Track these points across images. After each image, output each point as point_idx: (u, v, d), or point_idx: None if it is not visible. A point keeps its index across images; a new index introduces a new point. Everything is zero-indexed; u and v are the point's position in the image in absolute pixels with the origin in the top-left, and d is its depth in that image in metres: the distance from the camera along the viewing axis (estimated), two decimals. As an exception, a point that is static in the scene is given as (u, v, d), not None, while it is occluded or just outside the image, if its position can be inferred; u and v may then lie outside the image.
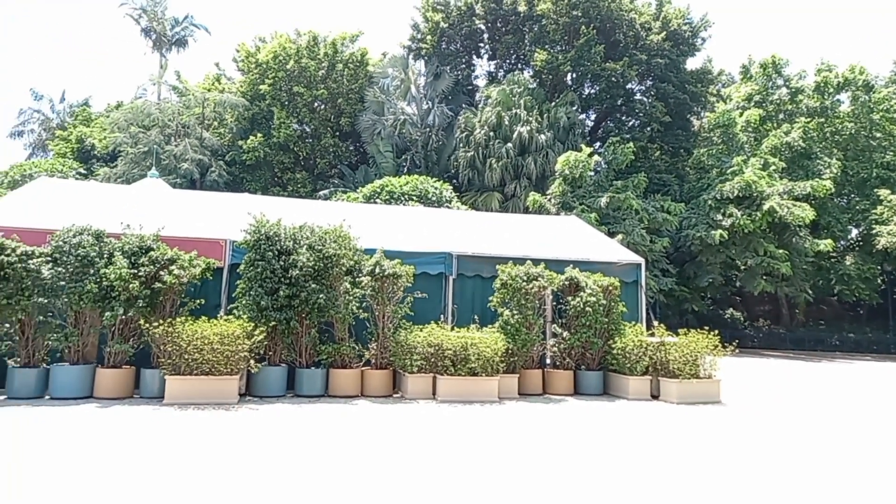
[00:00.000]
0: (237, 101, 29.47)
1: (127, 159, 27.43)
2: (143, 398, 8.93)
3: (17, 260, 8.57)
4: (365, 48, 31.12)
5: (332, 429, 7.17)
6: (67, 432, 6.58)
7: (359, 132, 31.20)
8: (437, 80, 29.99)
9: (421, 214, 14.94)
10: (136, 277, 8.86)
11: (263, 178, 30.78)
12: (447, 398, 9.47)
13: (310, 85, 29.92)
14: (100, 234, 9.32)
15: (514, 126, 26.06)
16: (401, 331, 10.09)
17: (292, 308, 9.52)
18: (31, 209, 10.73)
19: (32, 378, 8.72)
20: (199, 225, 10.95)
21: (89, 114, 34.73)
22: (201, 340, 8.55)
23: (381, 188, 23.20)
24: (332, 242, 9.90)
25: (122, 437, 6.43)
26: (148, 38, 34.50)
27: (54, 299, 8.96)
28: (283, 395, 9.52)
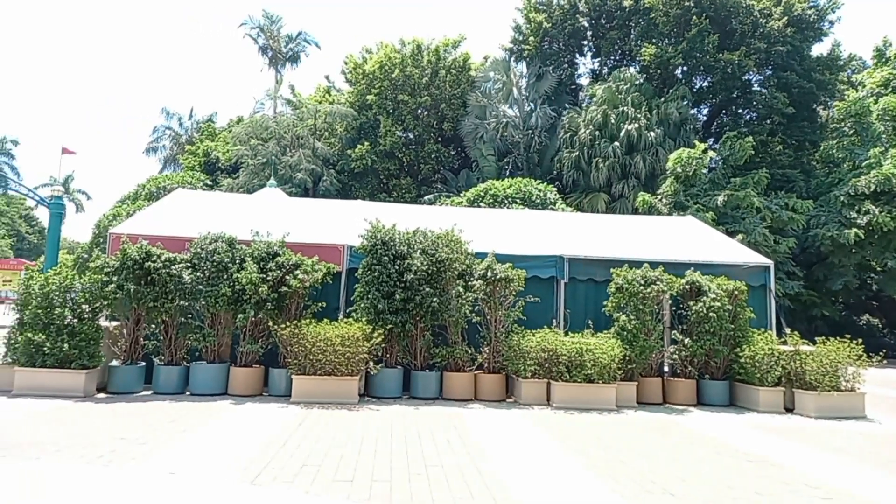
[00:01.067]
0: (346, 112, 30.67)
1: (247, 170, 29.31)
2: (272, 395, 9.45)
3: (161, 266, 9.36)
4: (467, 53, 31.37)
5: (456, 430, 7.22)
6: (220, 423, 7.07)
7: (461, 137, 31.46)
8: (539, 80, 29.66)
9: (529, 217, 14.80)
10: (264, 282, 9.40)
11: (370, 185, 31.80)
12: (563, 405, 9.29)
13: (414, 92, 30.58)
14: (232, 240, 10.00)
15: (620, 124, 25.23)
16: (513, 335, 10.03)
17: (407, 311, 9.72)
18: (170, 219, 11.71)
19: (175, 375, 9.48)
20: (319, 231, 11.47)
21: (214, 129, 37.49)
22: (324, 342, 8.93)
23: (485, 191, 23.23)
24: (445, 247, 10.02)
25: (267, 430, 6.82)
26: (265, 55, 36.76)
27: (193, 302, 9.71)
28: (400, 396, 9.73)
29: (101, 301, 9.13)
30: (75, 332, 8.85)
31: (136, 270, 9.21)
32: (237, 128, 31.76)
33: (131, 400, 8.68)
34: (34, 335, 8.69)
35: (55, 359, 8.69)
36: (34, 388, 8.67)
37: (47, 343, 8.65)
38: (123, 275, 9.16)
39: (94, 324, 9.12)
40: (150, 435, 6.45)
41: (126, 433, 6.49)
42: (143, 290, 9.19)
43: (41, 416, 7.30)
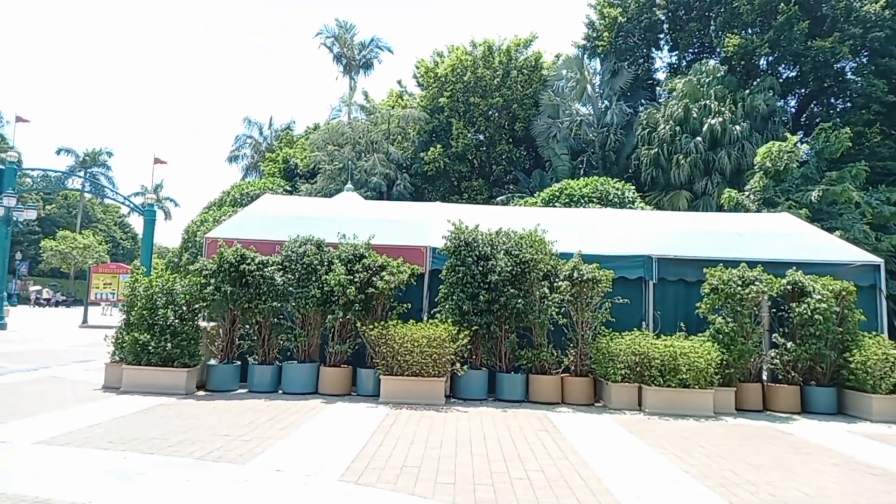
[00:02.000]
0: (419, 116, 30.98)
1: (325, 176, 30.11)
2: (360, 395, 9.59)
3: (255, 268, 9.69)
4: (539, 52, 31.05)
5: (549, 434, 7.07)
6: (320, 420, 7.23)
7: (533, 137, 31.13)
8: (614, 77, 28.93)
9: (610, 216, 14.39)
10: (352, 283, 9.56)
11: (442, 188, 31.96)
12: (656, 410, 8.94)
13: (485, 94, 30.53)
14: (320, 243, 10.23)
15: (703, 118, 24.22)
16: (600, 338, 9.76)
17: (492, 313, 9.64)
18: (260, 223, 12.12)
19: (268, 374, 9.78)
20: (401, 233, 11.57)
21: (292, 136, 38.79)
22: (411, 343, 8.98)
23: (560, 191, 22.85)
24: (528, 247, 9.88)
25: (361, 430, 6.90)
26: (339, 63, 37.73)
27: (284, 303, 9.99)
28: (485, 398, 9.65)
29: (200, 302, 9.54)
30: (177, 332, 9.29)
31: (232, 273, 9.58)
32: (314, 134, 32.70)
33: (229, 398, 9.02)
34: (140, 335, 9.19)
35: (159, 357, 9.15)
36: (140, 385, 9.15)
37: (152, 342, 9.12)
38: (220, 277, 9.54)
39: (194, 324, 9.54)
40: (252, 433, 6.65)
41: (230, 430, 6.72)
42: (239, 292, 9.54)
43: (151, 411, 7.69)
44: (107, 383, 9.55)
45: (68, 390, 9.14)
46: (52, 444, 5.80)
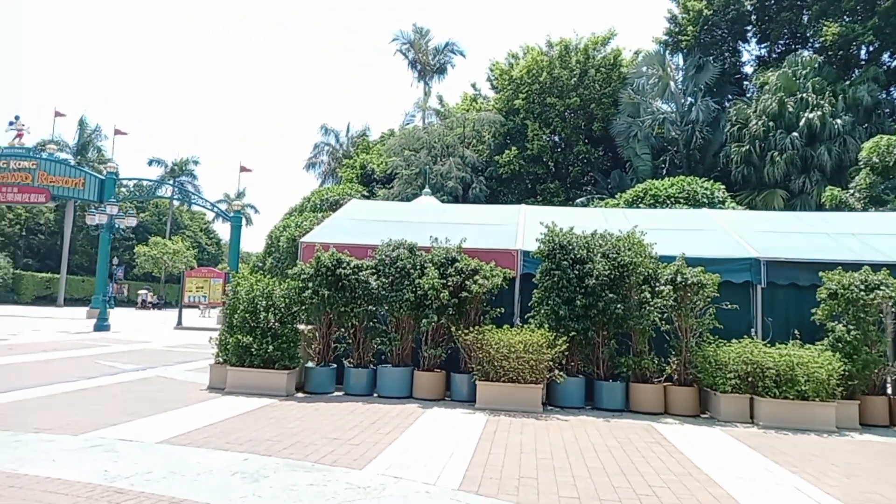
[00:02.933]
0: (494, 118, 30.84)
1: (401, 180, 30.45)
2: (454, 400, 9.50)
3: (350, 272, 9.80)
4: (618, 49, 30.27)
5: (661, 447, 6.72)
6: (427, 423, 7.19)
7: (611, 136, 30.37)
8: (699, 72, 27.78)
9: (705, 217, 13.71)
10: (445, 287, 9.50)
11: (518, 190, 31.68)
12: (770, 423, 8.37)
13: (562, 94, 30.04)
14: (412, 247, 10.24)
15: (799, 112, 22.85)
16: (706, 345, 9.26)
17: (589, 318, 9.34)
18: (349, 227, 12.31)
19: (364, 377, 9.86)
20: (491, 236, 11.44)
21: (368, 142, 39.50)
22: (507, 348, 8.81)
23: (644, 192, 22.12)
24: (627, 250, 9.51)
25: (465, 436, 6.80)
26: (414, 69, 38.12)
27: (378, 307, 10.06)
28: (582, 406, 9.35)
29: (299, 306, 9.73)
30: (277, 334, 9.51)
31: (329, 277, 9.72)
32: (391, 140, 33.16)
33: (328, 400, 9.14)
34: (243, 337, 9.46)
35: (261, 359, 9.39)
36: (244, 387, 9.42)
37: (254, 345, 9.37)
38: (318, 281, 9.70)
39: (294, 327, 9.75)
40: (359, 436, 6.67)
41: (337, 433, 6.77)
42: (335, 296, 9.67)
43: (258, 413, 7.87)
44: (212, 384, 9.90)
45: (178, 390, 9.52)
46: (175, 443, 6.00)
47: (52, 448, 5.57)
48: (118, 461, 5.21)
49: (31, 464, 5.00)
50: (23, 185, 33.13)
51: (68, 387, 9.33)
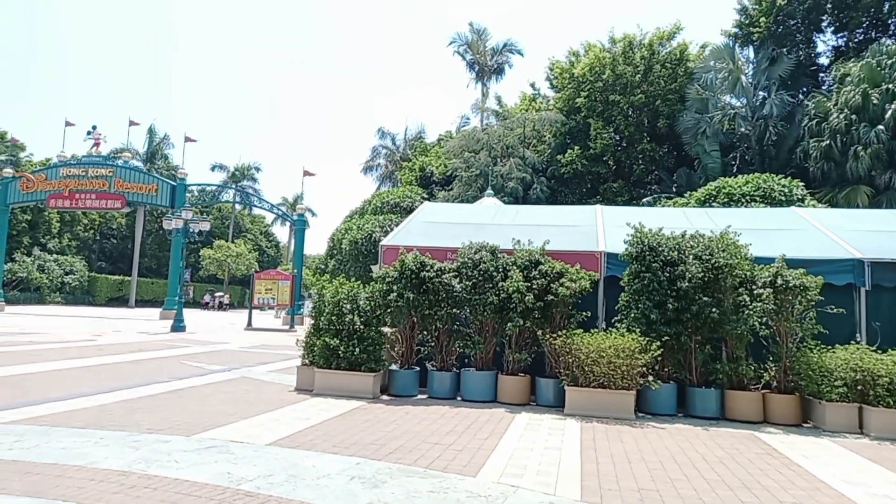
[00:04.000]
0: (555, 118, 30.46)
1: (462, 182, 30.43)
2: (540, 405, 9.34)
3: (434, 275, 9.78)
4: (684, 43, 29.40)
5: (774, 458, 6.39)
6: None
7: (677, 134, 29.51)
8: (772, 65, 26.66)
9: (793, 216, 13.10)
10: (529, 290, 9.37)
11: (579, 190, 31.19)
12: (884, 434, 7.86)
13: (626, 91, 29.38)
14: (494, 249, 10.14)
15: (885, 104, 21.62)
16: (807, 351, 8.80)
17: (681, 322, 9.02)
18: (425, 230, 12.32)
19: (448, 381, 9.83)
20: (571, 238, 11.23)
21: (425, 145, 39.68)
22: (598, 353, 8.61)
23: (717, 190, 21.36)
24: (721, 251, 9.15)
25: (564, 443, 6.65)
26: (471, 70, 38.08)
27: (461, 310, 10.01)
28: (674, 413, 9.03)
29: (384, 308, 9.78)
30: (363, 337, 9.58)
31: (413, 279, 9.73)
32: (451, 142, 33.20)
33: (414, 403, 9.14)
34: (330, 340, 9.57)
35: (347, 362, 9.48)
36: (331, 388, 9.54)
37: (341, 347, 9.47)
38: (403, 283, 9.72)
39: (379, 330, 9.80)
40: (459, 441, 6.62)
41: (436, 438, 6.73)
42: (420, 298, 9.67)
43: (352, 415, 7.93)
44: (299, 385, 10.06)
45: (267, 391, 9.72)
46: (284, 445, 6.08)
47: (170, 449, 5.73)
48: (237, 463, 5.30)
49: (157, 465, 5.15)
50: (100, 192, 34.80)
51: (165, 387, 9.65)
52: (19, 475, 4.71)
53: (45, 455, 5.28)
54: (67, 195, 34.99)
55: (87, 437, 6.03)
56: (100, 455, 5.35)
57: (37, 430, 6.25)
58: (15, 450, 5.42)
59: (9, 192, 36.14)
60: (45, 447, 5.56)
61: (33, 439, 5.83)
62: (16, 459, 5.12)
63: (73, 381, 9.89)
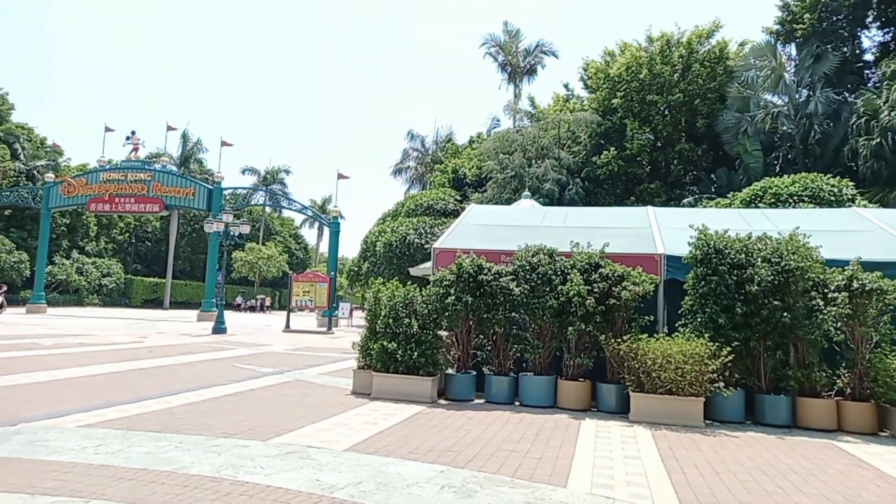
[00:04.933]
0: (591, 118, 30.13)
1: (496, 184, 30.27)
2: (601, 411, 9.15)
3: (492, 278, 9.67)
4: (724, 41, 28.84)
5: (867, 471, 6.14)
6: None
7: (716, 133, 28.95)
8: (816, 62, 25.99)
9: (856, 216, 12.67)
10: (590, 293, 9.20)
11: (615, 191, 30.80)
12: (973, 446, 7.53)
13: (663, 91, 28.92)
14: (552, 252, 9.99)
15: (939, 101, 20.91)
16: (884, 357, 8.46)
17: (750, 327, 8.77)
18: (475, 233, 12.20)
19: (505, 385, 9.69)
20: (627, 240, 11.01)
21: (457, 147, 39.58)
22: (665, 358, 8.39)
23: (763, 190, 20.88)
24: (791, 254, 8.86)
25: (641, 452, 6.47)
26: (503, 71, 37.88)
27: (519, 314, 9.86)
28: (743, 421, 8.77)
29: (442, 312, 9.68)
30: (421, 340, 9.50)
31: (471, 283, 9.63)
32: (484, 143, 33.06)
33: (473, 408, 9.02)
34: (388, 343, 9.51)
35: (405, 366, 9.41)
36: (389, 392, 9.47)
37: (399, 351, 9.40)
38: (460, 287, 9.62)
39: (436, 333, 9.71)
40: (532, 448, 6.49)
41: (510, 444, 6.61)
42: (478, 302, 9.56)
43: (416, 420, 7.84)
44: (355, 388, 10.03)
45: (325, 395, 9.69)
46: (361, 451, 6.02)
47: (252, 454, 5.70)
48: (322, 469, 5.24)
49: (244, 471, 5.11)
50: (139, 196, 35.48)
51: (225, 390, 9.69)
52: (113, 480, 4.71)
53: (132, 460, 5.29)
54: (107, 199, 35.74)
55: (166, 441, 6.04)
56: (185, 460, 5.34)
57: (115, 433, 6.28)
58: (101, 454, 5.44)
59: (51, 196, 37.05)
60: (130, 451, 5.57)
61: (115, 443, 5.85)
62: (105, 464, 5.13)
63: (134, 383, 9.99)
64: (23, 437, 5.92)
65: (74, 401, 8.08)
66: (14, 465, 5.00)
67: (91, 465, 5.09)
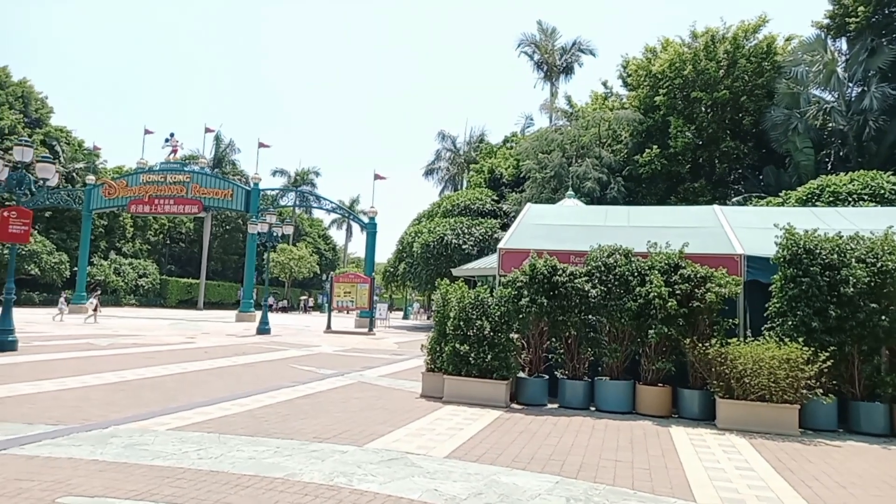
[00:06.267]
0: (632, 117, 29.61)
1: (535, 183, 29.92)
2: (683, 417, 8.82)
3: (567, 280, 9.39)
4: (771, 36, 28.10)
5: None
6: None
7: (763, 130, 28.22)
8: (871, 56, 25.13)
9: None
10: (672, 295, 8.87)
11: (659, 190, 30.23)
12: None
13: (708, 87, 28.28)
14: (628, 252, 9.68)
15: None
16: None
17: (844, 331, 8.36)
18: (537, 233, 11.92)
19: (580, 390, 9.40)
20: (701, 240, 10.63)
21: (491, 147, 39.28)
22: (757, 363, 8.03)
23: (820, 189, 20.23)
24: (889, 254, 8.44)
25: (749, 463, 6.15)
26: (539, 70, 37.50)
27: (594, 316, 9.56)
28: (836, 429, 8.37)
29: (515, 315, 9.43)
30: (494, 343, 9.26)
31: (545, 284, 9.36)
32: (523, 142, 32.75)
33: (550, 413, 8.77)
34: (459, 346, 9.29)
35: (478, 369, 9.18)
36: (460, 396, 9.25)
37: (471, 354, 9.17)
38: (534, 288, 9.37)
39: (509, 336, 9.46)
40: (635, 458, 6.23)
41: (609, 454, 6.34)
42: (552, 304, 9.29)
43: (501, 426, 7.61)
44: (425, 391, 9.83)
45: (395, 398, 9.51)
46: (463, 458, 5.80)
47: (355, 460, 5.51)
48: (434, 478, 5.04)
49: (356, 478, 4.93)
50: (178, 198, 35.84)
51: (294, 392, 9.56)
52: (230, 487, 4.56)
53: (238, 466, 5.14)
54: (147, 201, 36.17)
55: (262, 445, 5.89)
56: (292, 466, 5.18)
57: (208, 437, 6.15)
58: (205, 459, 5.30)
59: (92, 198, 37.66)
60: (232, 457, 5.43)
61: (214, 448, 5.71)
62: (214, 469, 4.98)
63: (202, 384, 9.92)
64: (120, 441, 5.82)
65: (153, 402, 8.00)
66: (124, 469, 4.88)
67: (200, 470, 4.95)
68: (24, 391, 8.41)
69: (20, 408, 7.29)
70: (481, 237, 30.88)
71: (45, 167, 13.11)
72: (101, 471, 4.81)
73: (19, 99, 48.14)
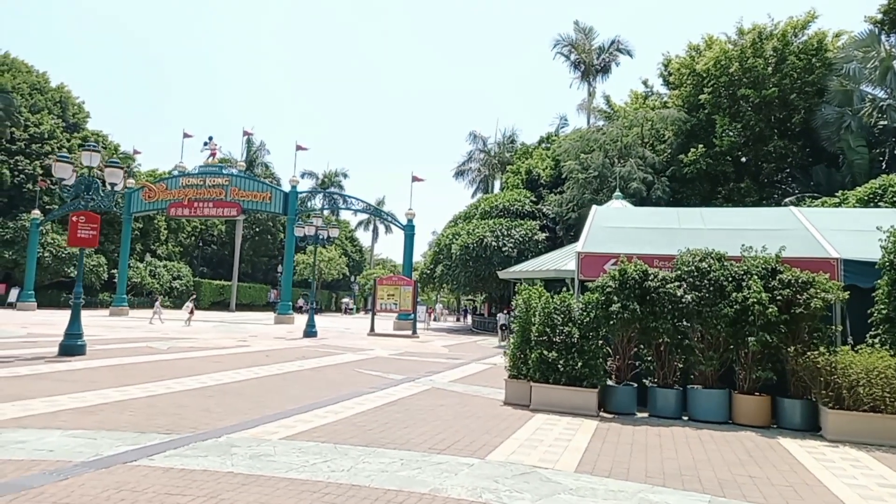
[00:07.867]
0: (676, 116, 29.10)
1: (576, 184, 29.55)
2: (784, 428, 8.48)
3: (658, 285, 9.11)
4: (822, 32, 27.41)
5: None
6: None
7: (812, 129, 27.53)
8: (929, 51, 24.42)
9: None
10: (772, 301, 8.55)
11: (703, 191, 29.67)
12: None
13: (756, 85, 27.67)
14: (721, 256, 9.36)
15: None
16: None
17: (959, 339, 7.98)
18: (613, 236, 11.67)
19: (672, 399, 9.10)
20: (790, 244, 10.27)
21: (527, 147, 38.96)
22: (869, 373, 7.68)
23: (883, 189, 19.59)
24: None
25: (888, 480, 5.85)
26: (576, 70, 37.09)
27: (687, 322, 9.26)
28: (950, 442, 7.97)
29: (605, 320, 9.18)
30: (583, 350, 9.01)
31: (636, 290, 9.10)
32: (563, 143, 32.38)
33: (644, 423, 8.51)
34: (547, 353, 9.06)
35: (567, 376, 8.94)
36: (548, 404, 9.02)
37: (560, 361, 8.94)
38: (625, 294, 9.10)
39: (598, 342, 9.21)
40: (766, 472, 5.94)
41: (735, 468, 6.07)
42: (644, 310, 9.02)
43: (605, 436, 7.38)
44: (508, 399, 9.63)
45: (479, 405, 9.32)
46: (594, 473, 5.58)
47: (488, 474, 5.33)
48: (583, 497, 4.83)
49: (504, 494, 4.73)
50: (217, 201, 36.09)
51: (376, 398, 9.43)
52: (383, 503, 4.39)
53: (376, 479, 4.97)
54: (186, 204, 36.50)
55: (385, 457, 5.73)
56: (430, 480, 5.00)
57: (324, 447, 6.01)
58: (338, 472, 5.15)
59: (132, 201, 38.10)
60: (364, 469, 5.27)
61: (339, 459, 5.56)
62: (355, 484, 4.82)
63: (283, 390, 9.84)
64: (241, 451, 5.70)
65: (247, 410, 7.90)
66: (266, 483, 4.74)
67: (340, 484, 4.79)
68: (116, 397, 8.37)
69: (121, 415, 7.24)
70: (521, 239, 30.60)
71: (114, 172, 13.16)
72: (244, 484, 4.68)
73: (57, 104, 48.95)
